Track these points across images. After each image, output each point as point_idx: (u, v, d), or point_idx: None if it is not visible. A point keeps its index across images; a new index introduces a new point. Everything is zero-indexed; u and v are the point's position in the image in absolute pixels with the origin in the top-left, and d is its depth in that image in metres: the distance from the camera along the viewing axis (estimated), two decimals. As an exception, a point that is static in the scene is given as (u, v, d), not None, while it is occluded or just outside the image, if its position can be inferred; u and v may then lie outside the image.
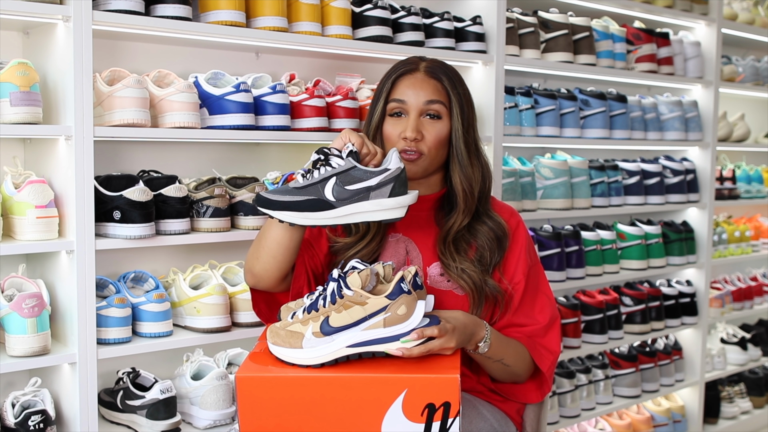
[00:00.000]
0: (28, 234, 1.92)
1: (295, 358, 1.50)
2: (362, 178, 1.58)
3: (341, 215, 1.58)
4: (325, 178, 1.58)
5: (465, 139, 1.80)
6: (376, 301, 1.49)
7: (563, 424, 3.08)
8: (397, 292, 1.49)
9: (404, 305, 1.50)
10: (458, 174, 1.80)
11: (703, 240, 3.65)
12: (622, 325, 3.29)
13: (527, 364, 1.78)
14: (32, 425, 1.90)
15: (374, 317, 1.49)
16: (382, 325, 1.49)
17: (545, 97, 2.98)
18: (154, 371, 2.24)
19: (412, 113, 1.79)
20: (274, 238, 1.71)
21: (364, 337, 1.49)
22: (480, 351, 1.67)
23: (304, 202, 1.58)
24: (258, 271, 1.75)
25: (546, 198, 3.03)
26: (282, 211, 1.59)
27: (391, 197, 1.58)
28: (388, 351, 1.50)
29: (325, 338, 1.49)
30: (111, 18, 1.97)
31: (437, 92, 1.80)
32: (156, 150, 2.34)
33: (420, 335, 1.50)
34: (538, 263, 1.89)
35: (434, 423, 1.40)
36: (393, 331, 1.49)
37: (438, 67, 1.83)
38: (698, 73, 3.58)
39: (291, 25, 2.29)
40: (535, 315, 1.82)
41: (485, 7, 2.73)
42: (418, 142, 1.77)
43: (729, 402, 3.91)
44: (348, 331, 1.49)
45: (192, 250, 2.41)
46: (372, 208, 1.58)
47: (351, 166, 1.59)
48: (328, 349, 1.49)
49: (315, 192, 1.58)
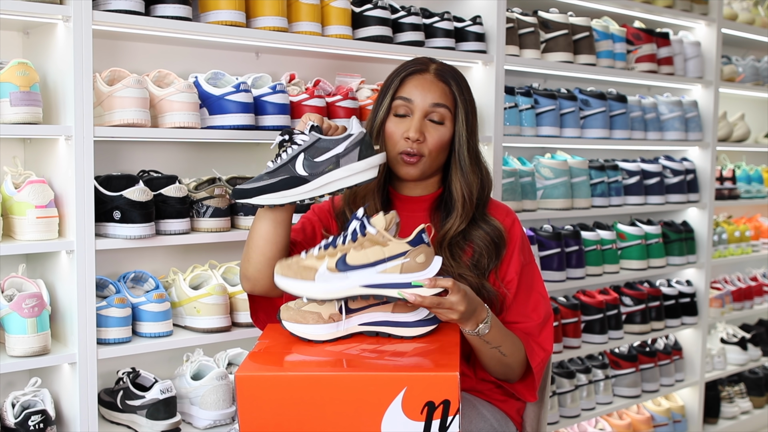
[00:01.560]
0: (28, 234, 1.92)
1: (305, 290, 1.50)
2: (329, 147, 1.61)
3: (317, 186, 1.61)
4: (294, 156, 1.61)
5: (468, 146, 1.81)
6: (397, 244, 1.50)
7: (563, 424, 3.08)
8: (417, 241, 1.50)
9: (423, 254, 1.51)
10: (459, 180, 1.80)
11: (703, 240, 3.65)
12: (622, 325, 3.30)
13: (522, 359, 1.77)
14: (32, 425, 1.90)
15: (392, 261, 1.50)
16: (399, 270, 1.50)
17: (545, 97, 2.98)
18: (154, 371, 2.24)
19: (417, 113, 1.78)
20: (260, 235, 1.71)
21: (379, 279, 1.50)
22: (480, 332, 1.65)
23: (278, 182, 1.60)
24: (252, 273, 1.75)
25: (546, 198, 3.03)
26: (259, 196, 1.61)
27: (360, 160, 1.61)
28: (402, 294, 1.50)
29: (339, 274, 1.49)
30: (111, 18, 1.97)
31: (444, 96, 1.79)
32: (156, 150, 2.34)
33: (433, 283, 1.51)
34: (533, 262, 1.88)
35: (434, 421, 1.40)
36: (408, 278, 1.50)
37: (448, 71, 1.83)
38: (698, 73, 3.58)
39: (291, 25, 2.29)
40: (528, 313, 1.81)
41: (485, 7, 2.73)
42: (420, 143, 1.77)
43: (729, 402, 3.91)
44: (363, 270, 1.50)
45: (192, 250, 2.41)
46: (344, 174, 1.61)
47: (316, 139, 1.62)
48: (341, 285, 1.50)
49: (287, 171, 1.61)
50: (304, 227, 1.88)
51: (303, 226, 1.89)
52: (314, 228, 1.88)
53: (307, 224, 1.89)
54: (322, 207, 1.93)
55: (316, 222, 1.89)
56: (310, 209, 1.96)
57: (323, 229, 1.87)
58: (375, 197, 1.84)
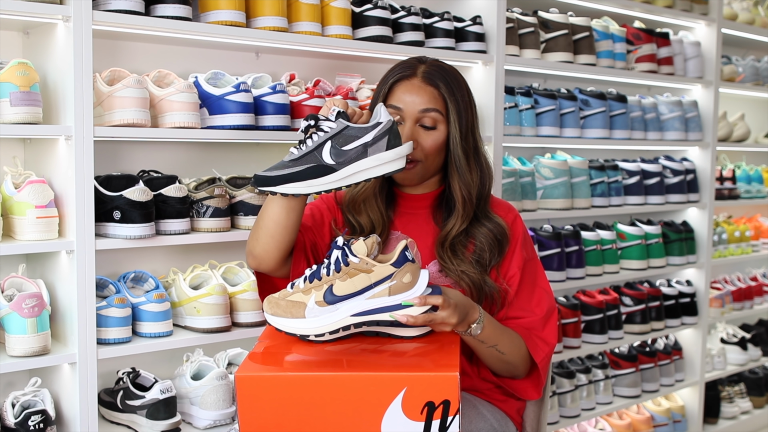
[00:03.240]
0: (28, 234, 1.92)
1: (298, 329, 1.49)
2: (357, 135, 1.57)
3: (344, 176, 1.56)
4: (321, 143, 1.56)
5: (463, 146, 1.79)
6: (382, 269, 1.49)
7: (563, 424, 3.08)
8: (402, 261, 1.49)
9: (409, 273, 1.50)
10: (457, 180, 1.80)
11: (703, 240, 3.65)
12: (622, 325, 3.30)
13: (523, 355, 1.77)
14: (32, 425, 1.90)
15: (379, 285, 1.48)
16: (387, 293, 1.49)
17: (545, 97, 2.98)
18: (154, 371, 2.24)
19: (407, 121, 1.77)
20: (272, 218, 1.69)
21: (369, 305, 1.49)
22: (473, 332, 1.65)
23: (305, 171, 1.55)
24: (258, 252, 1.74)
25: (546, 198, 3.03)
26: (284, 184, 1.55)
27: (388, 150, 1.57)
28: (394, 317, 1.49)
29: (329, 307, 1.48)
30: (111, 18, 1.97)
31: (433, 99, 1.78)
32: (156, 150, 2.34)
33: (423, 302, 1.50)
34: (536, 258, 1.88)
35: (434, 421, 1.40)
36: (398, 299, 1.49)
37: (436, 72, 1.80)
38: (698, 73, 3.58)
39: (291, 25, 2.29)
40: (532, 308, 1.81)
41: (485, 7, 2.73)
42: (413, 150, 1.76)
43: (729, 402, 3.91)
44: (352, 300, 1.48)
45: (192, 250, 2.41)
46: (373, 164, 1.57)
47: (344, 127, 1.57)
48: (332, 318, 1.48)
49: (313, 159, 1.56)
50: (313, 213, 1.88)
51: (312, 212, 1.88)
52: (323, 215, 1.88)
53: (316, 211, 1.89)
54: (329, 196, 1.93)
55: (325, 210, 1.89)
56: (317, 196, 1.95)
57: (332, 220, 1.87)
58: (379, 196, 1.84)
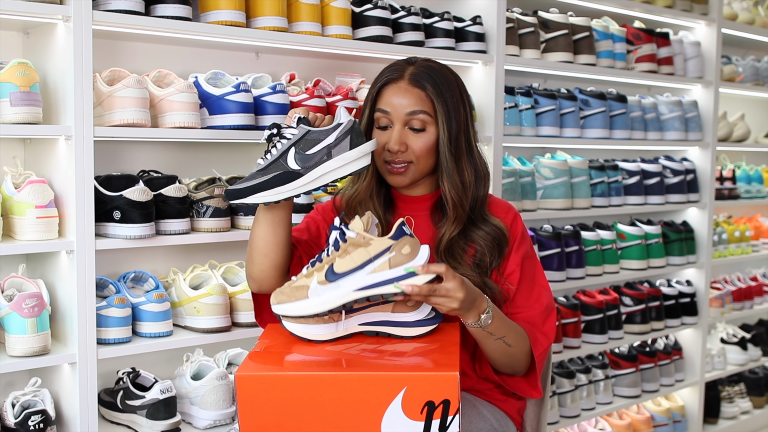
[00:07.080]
0: (28, 234, 1.92)
1: (302, 309, 1.50)
2: (319, 138, 1.60)
3: (312, 179, 1.60)
4: (285, 150, 1.61)
5: (450, 148, 1.76)
6: (380, 242, 1.49)
7: (563, 424, 3.08)
8: (399, 234, 1.50)
9: (408, 245, 1.50)
10: (446, 183, 1.78)
11: (703, 240, 3.65)
12: (622, 325, 3.30)
13: (527, 349, 1.76)
14: (32, 425, 1.90)
15: (379, 258, 1.49)
16: (388, 266, 1.49)
17: (545, 97, 2.98)
18: (154, 371, 2.24)
19: (396, 125, 1.77)
20: (261, 237, 1.71)
21: (371, 280, 1.49)
22: (483, 323, 1.63)
23: (272, 179, 1.59)
24: (256, 274, 1.75)
25: (546, 198, 3.03)
26: (253, 194, 1.60)
27: (352, 149, 1.60)
28: (399, 287, 1.49)
29: (330, 285, 1.49)
30: (111, 18, 1.97)
31: (421, 102, 1.76)
32: (156, 150, 2.34)
33: (426, 270, 1.50)
34: (535, 256, 1.87)
35: (434, 421, 1.40)
36: (400, 271, 1.49)
37: (423, 73, 1.77)
38: (698, 73, 3.58)
39: (291, 25, 2.29)
40: (531, 303, 1.80)
41: (485, 7, 2.73)
42: (403, 153, 1.76)
43: (729, 402, 3.91)
44: (353, 275, 1.49)
45: (192, 250, 2.41)
46: (338, 165, 1.60)
47: (305, 132, 1.61)
48: (335, 294, 1.49)
49: (279, 167, 1.60)
50: (308, 226, 1.88)
51: (307, 225, 1.89)
52: (318, 227, 1.88)
53: (312, 223, 1.89)
54: (326, 207, 1.93)
55: (321, 221, 1.89)
56: (313, 209, 1.96)
57: (329, 229, 1.87)
58: (376, 199, 1.84)
